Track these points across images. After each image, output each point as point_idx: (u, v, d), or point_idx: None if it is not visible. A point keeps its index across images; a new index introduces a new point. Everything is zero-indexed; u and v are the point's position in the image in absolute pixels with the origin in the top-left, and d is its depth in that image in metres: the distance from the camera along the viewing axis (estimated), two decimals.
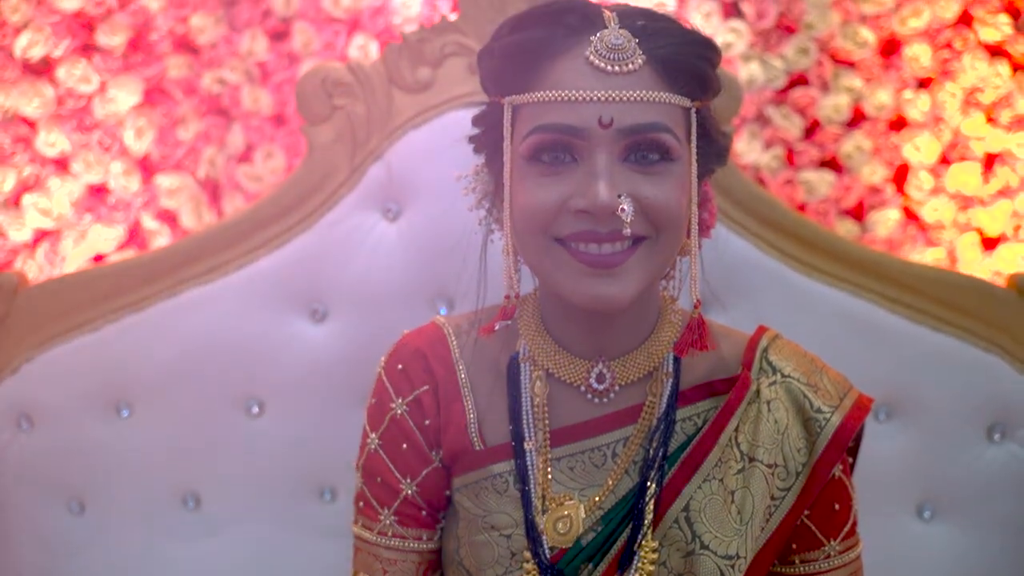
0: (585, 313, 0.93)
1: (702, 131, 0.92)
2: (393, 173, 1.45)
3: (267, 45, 1.73)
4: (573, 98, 0.87)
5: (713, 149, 0.95)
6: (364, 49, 1.71)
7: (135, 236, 1.76)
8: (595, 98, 0.86)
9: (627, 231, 0.86)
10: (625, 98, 0.86)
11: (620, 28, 0.88)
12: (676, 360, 0.98)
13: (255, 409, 1.48)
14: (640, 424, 0.96)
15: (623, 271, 0.88)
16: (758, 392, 0.97)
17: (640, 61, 0.87)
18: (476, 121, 0.97)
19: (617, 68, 0.86)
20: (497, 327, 0.95)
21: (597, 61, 0.87)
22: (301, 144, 1.71)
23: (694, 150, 0.91)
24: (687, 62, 0.89)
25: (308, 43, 1.72)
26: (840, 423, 0.98)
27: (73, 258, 1.73)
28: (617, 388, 0.97)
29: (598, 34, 0.88)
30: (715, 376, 0.98)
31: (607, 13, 0.90)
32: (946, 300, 1.48)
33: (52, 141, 1.73)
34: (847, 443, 0.98)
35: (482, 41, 1.42)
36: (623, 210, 0.85)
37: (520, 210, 0.90)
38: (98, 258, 1.74)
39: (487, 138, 0.95)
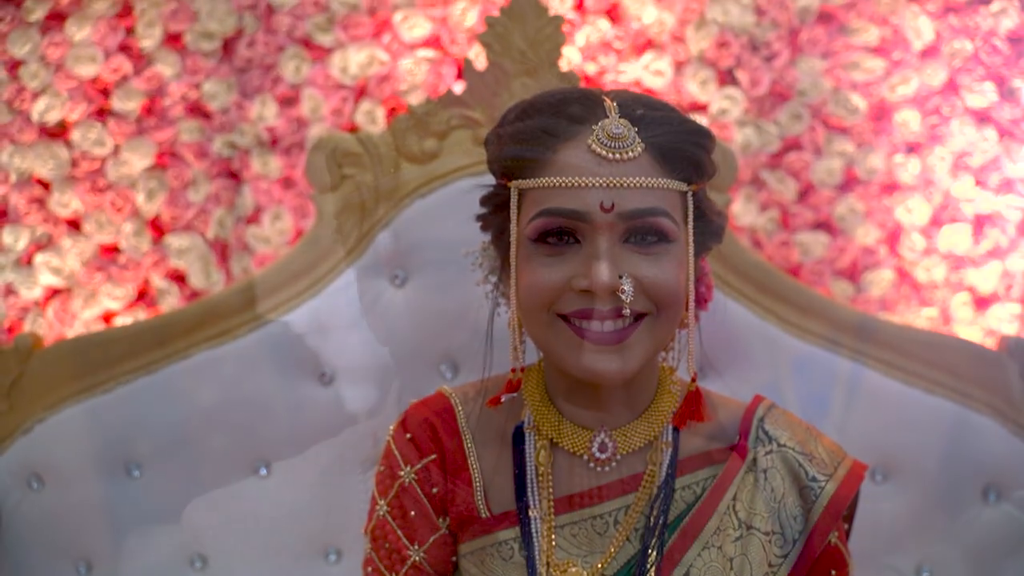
0: (588, 385, 0.97)
1: (698, 212, 0.97)
2: (400, 241, 1.49)
3: (277, 110, 1.79)
4: (576, 184, 0.91)
5: (709, 229, 0.99)
6: (371, 115, 1.76)
7: (144, 295, 1.79)
8: (597, 184, 0.90)
9: (627, 310, 0.89)
10: (625, 184, 0.91)
11: (620, 117, 0.92)
12: (675, 430, 1.01)
13: (263, 471, 1.50)
14: (641, 492, 0.99)
15: (624, 347, 0.92)
16: (755, 461, 1.00)
17: (639, 149, 0.92)
18: (483, 202, 1.01)
19: (618, 156, 0.91)
20: (503, 399, 0.98)
21: (599, 149, 0.91)
22: (308, 206, 1.75)
23: (691, 230, 0.95)
24: (683, 149, 0.94)
25: (316, 108, 1.78)
26: (835, 492, 1.00)
27: (83, 316, 1.76)
28: (619, 457, 0.99)
29: (600, 123, 0.92)
30: (713, 445, 1.01)
31: (608, 102, 0.95)
32: (939, 363, 1.52)
33: (66, 202, 1.77)
34: (842, 511, 1.01)
35: (486, 114, 1.48)
36: (623, 290, 0.89)
37: (525, 288, 0.93)
38: (107, 316, 1.77)
39: (493, 218, 1.00)
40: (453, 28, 1.75)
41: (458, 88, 1.55)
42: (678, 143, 0.93)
